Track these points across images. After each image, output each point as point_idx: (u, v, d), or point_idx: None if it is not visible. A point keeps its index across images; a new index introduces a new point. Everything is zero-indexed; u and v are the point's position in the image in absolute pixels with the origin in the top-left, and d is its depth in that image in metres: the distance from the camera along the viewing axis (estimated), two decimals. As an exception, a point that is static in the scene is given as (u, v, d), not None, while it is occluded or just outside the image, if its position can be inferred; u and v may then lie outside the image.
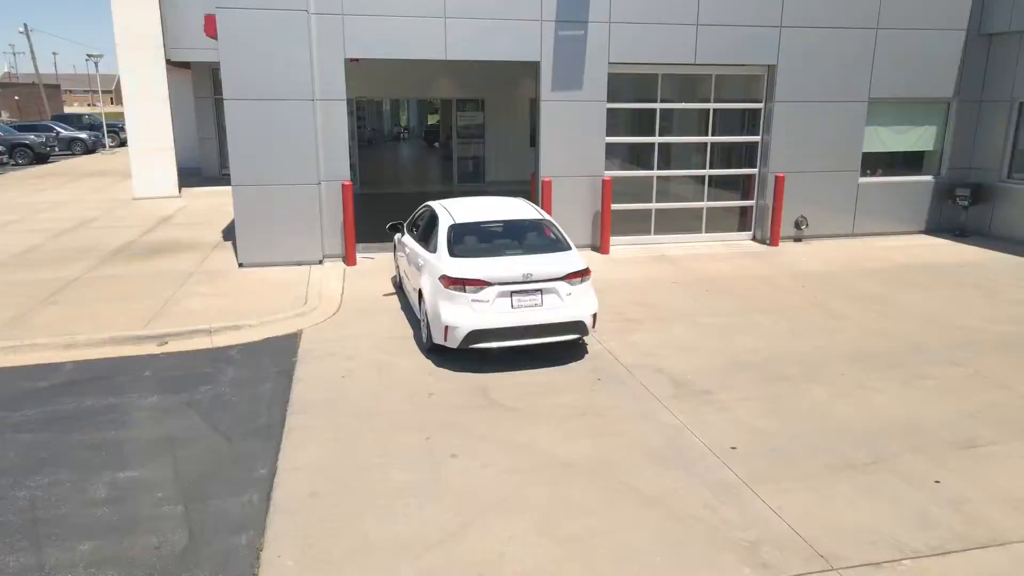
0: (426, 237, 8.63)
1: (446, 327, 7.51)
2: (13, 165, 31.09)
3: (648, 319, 9.42)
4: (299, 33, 11.37)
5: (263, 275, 11.32)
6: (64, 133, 36.86)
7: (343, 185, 11.98)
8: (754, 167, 14.16)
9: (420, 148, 39.57)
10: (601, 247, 13.22)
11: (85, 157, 35.38)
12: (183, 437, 6.25)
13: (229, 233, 14.53)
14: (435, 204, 9.16)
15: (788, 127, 13.71)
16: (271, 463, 5.82)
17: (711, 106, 13.77)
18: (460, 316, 7.45)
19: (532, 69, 13.06)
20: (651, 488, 5.46)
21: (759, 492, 5.40)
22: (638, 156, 14.14)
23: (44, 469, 5.72)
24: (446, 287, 7.54)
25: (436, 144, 37.75)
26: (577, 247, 13.66)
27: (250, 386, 7.30)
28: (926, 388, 7.31)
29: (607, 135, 13.13)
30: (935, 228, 14.89)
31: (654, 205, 13.94)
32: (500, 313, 7.48)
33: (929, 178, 14.77)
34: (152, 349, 8.31)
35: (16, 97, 67.14)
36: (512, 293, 7.51)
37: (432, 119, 43.26)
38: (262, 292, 10.38)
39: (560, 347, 8.33)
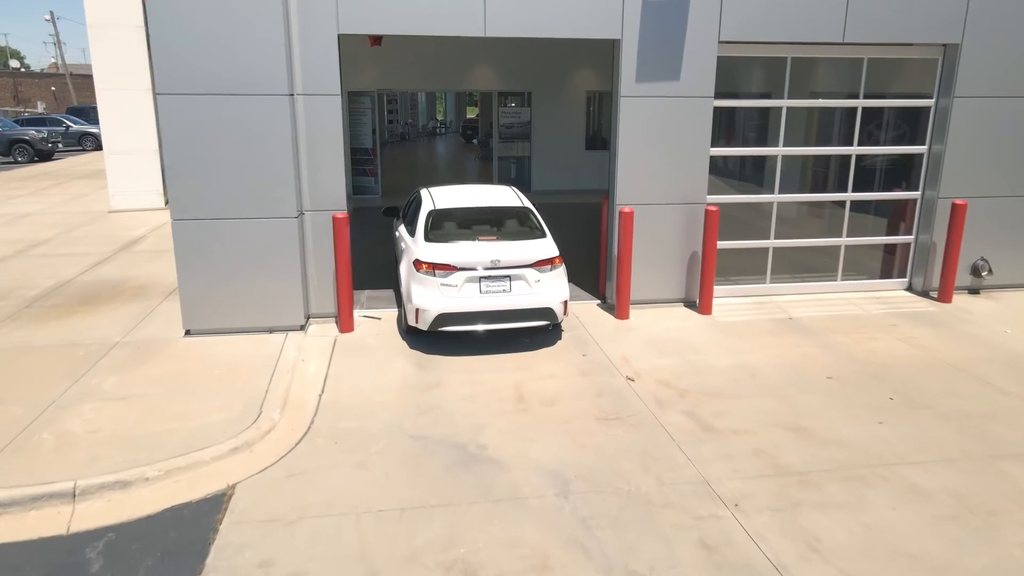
0: (411, 222, 8.69)
1: (417, 309, 7.72)
2: (11, 163, 28.30)
3: (820, 471, 5.53)
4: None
5: (212, 352, 7.72)
6: (74, 127, 34.11)
7: (335, 218, 8.29)
8: (915, 189, 10.09)
9: (457, 145, 35.97)
10: (700, 303, 9.31)
11: (94, 154, 32.46)
12: None
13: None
14: (424, 190, 9.17)
15: (971, 133, 9.61)
16: None
17: (859, 103, 9.73)
18: (430, 299, 7.67)
19: (602, 53, 9.24)
20: None
21: None
22: (745, 173, 10.22)
23: None
24: (418, 271, 7.75)
25: (474, 140, 34.13)
26: (666, 301, 9.92)
27: (79, 678, 3.65)
28: None
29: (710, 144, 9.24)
30: None
31: (772, 242, 9.98)
32: (468, 297, 7.68)
33: None
34: (-42, 538, 4.73)
35: (52, 88, 65.62)
36: (481, 278, 7.70)
37: (471, 112, 39.62)
38: (197, 390, 6.77)
39: (703, 564, 4.52)
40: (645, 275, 9.30)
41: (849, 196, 10.02)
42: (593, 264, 10.90)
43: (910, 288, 10.32)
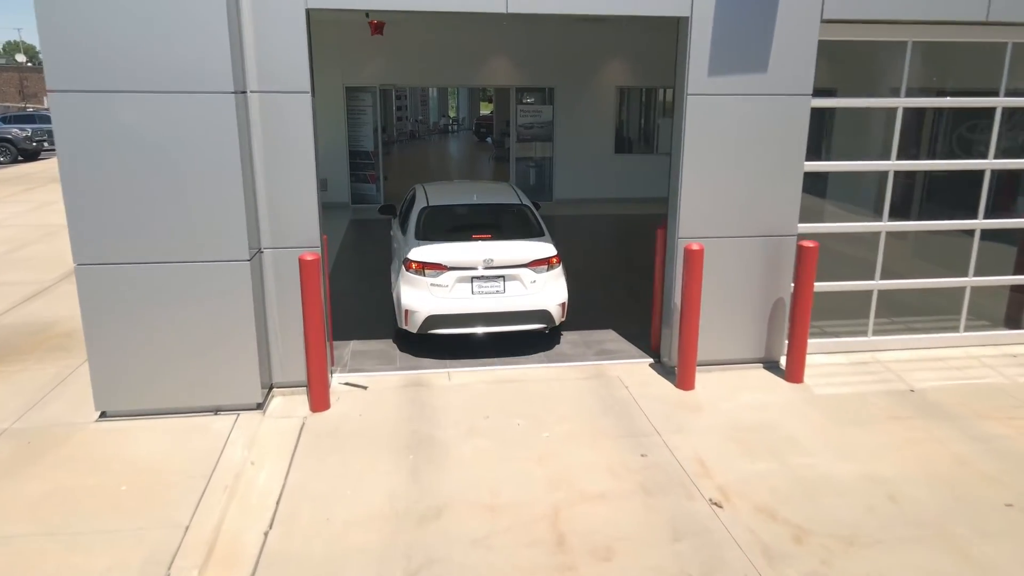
0: (404, 220, 8.26)
1: (406, 311, 7.36)
2: (-7, 163, 26.40)
3: None
4: (208, -46, 5.51)
5: (126, 452, 5.56)
6: (65, 124, 32.10)
7: (302, 260, 6.08)
8: (1061, 214, 7.79)
9: (470, 144, 33.73)
10: (789, 367, 7.04)
11: (84, 153, 30.49)
12: None
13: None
14: (419, 186, 8.79)
15: None
16: None
17: (999, 102, 7.42)
18: (419, 300, 7.31)
19: (637, 44, 6.98)
20: None
21: None
22: (839, 194, 7.92)
23: None
24: (407, 270, 7.38)
25: (488, 139, 31.94)
26: (738, 362, 7.69)
27: None
28: None
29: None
30: None
31: (878, 284, 7.70)
32: (459, 299, 7.33)
33: None
34: None
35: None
36: (473, 279, 7.34)
37: (485, 108, 37.32)
38: (85, 527, 4.60)
39: None
40: (713, 328, 7.06)
41: (979, 223, 7.71)
42: (639, 306, 8.69)
43: (1052, 342, 8.02)
